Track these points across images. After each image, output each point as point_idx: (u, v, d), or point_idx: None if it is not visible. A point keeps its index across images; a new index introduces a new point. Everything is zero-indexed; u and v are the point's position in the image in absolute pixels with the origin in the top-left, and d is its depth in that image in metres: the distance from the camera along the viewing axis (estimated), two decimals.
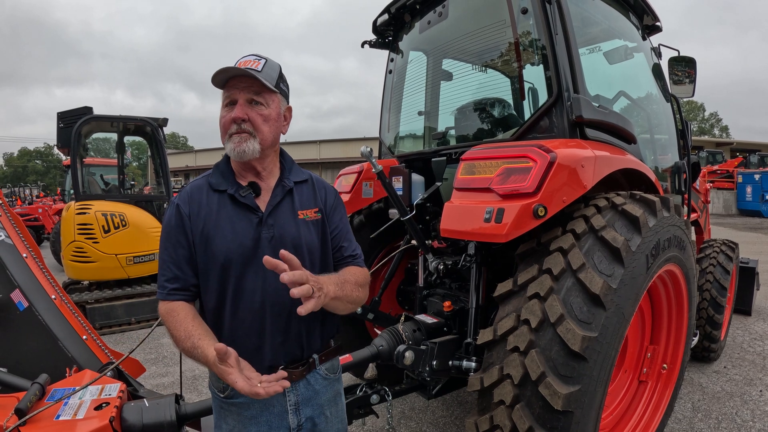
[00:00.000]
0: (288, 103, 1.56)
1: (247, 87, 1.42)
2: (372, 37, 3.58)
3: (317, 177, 1.68)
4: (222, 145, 1.48)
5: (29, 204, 14.85)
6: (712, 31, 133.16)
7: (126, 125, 6.66)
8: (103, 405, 1.73)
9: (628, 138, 2.63)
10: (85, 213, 5.83)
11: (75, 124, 5.98)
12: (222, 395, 1.50)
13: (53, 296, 2.34)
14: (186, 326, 1.35)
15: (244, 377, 1.21)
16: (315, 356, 1.54)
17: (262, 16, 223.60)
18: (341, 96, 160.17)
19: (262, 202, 1.49)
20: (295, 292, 1.17)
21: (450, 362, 2.24)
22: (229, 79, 1.43)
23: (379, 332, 2.44)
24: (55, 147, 6.75)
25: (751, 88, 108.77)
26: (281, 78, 1.50)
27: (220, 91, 1.47)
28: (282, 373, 1.31)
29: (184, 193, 1.51)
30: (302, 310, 1.18)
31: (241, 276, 1.42)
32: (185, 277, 1.44)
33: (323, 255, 1.56)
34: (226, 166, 1.54)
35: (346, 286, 1.43)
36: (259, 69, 1.41)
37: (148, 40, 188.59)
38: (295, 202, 1.53)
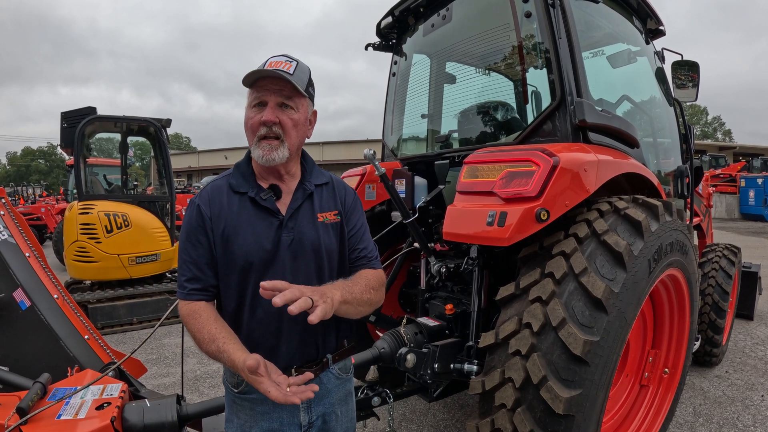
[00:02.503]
0: (314, 107, 1.54)
1: (279, 90, 1.38)
2: (376, 39, 3.59)
3: (337, 178, 1.67)
4: (226, 147, 1.48)
5: (32, 203, 14.90)
6: (721, 36, 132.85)
7: (129, 125, 6.68)
8: (105, 405, 1.74)
9: (631, 142, 2.63)
10: (88, 213, 5.84)
11: (78, 124, 6.00)
12: (236, 390, 1.50)
13: (55, 296, 2.35)
14: (209, 329, 1.34)
15: (276, 385, 1.21)
16: (329, 356, 1.54)
17: (272, 15, 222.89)
18: (349, 97, 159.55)
19: (283, 205, 1.47)
20: (292, 308, 1.15)
21: (451, 365, 2.23)
22: (258, 79, 1.39)
23: (380, 335, 2.44)
24: (59, 147, 6.77)
25: (759, 93, 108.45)
26: (310, 82, 1.48)
27: (224, 93, 1.48)
28: (308, 375, 1.30)
29: (204, 193, 1.48)
30: (313, 318, 1.17)
31: (261, 278, 1.39)
32: (205, 278, 1.43)
33: (341, 257, 1.56)
34: (247, 167, 1.51)
35: (355, 289, 1.41)
36: (291, 72, 1.37)
37: (155, 38, 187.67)
38: (315, 205, 1.52)
